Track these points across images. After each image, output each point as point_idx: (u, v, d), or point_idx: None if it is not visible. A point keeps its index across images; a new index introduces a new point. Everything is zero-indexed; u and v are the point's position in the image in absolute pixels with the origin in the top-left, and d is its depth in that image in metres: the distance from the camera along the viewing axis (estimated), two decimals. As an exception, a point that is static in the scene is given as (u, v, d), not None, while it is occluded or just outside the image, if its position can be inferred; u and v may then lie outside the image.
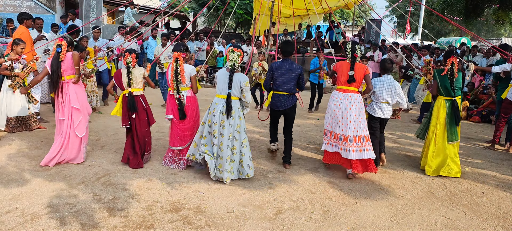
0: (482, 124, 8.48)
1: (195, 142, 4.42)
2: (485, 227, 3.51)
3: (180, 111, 4.51)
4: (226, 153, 4.18)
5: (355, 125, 4.44)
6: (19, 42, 5.71)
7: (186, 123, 4.60)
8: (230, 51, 4.32)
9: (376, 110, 4.76)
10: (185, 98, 4.56)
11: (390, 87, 4.68)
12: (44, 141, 5.44)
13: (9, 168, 4.37)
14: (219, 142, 4.21)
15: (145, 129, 4.65)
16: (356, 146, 4.41)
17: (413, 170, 4.97)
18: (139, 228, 3.19)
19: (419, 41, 21.43)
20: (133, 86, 4.52)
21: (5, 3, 11.40)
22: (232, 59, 4.26)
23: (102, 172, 4.36)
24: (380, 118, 4.76)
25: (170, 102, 4.61)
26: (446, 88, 4.76)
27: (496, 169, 5.23)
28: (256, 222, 3.38)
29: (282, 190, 4.10)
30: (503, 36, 29.04)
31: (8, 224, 3.13)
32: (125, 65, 4.50)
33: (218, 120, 4.20)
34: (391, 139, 6.64)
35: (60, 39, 4.57)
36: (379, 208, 3.79)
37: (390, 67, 4.82)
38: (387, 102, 4.71)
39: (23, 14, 6.89)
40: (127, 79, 4.50)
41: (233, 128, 4.22)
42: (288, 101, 4.74)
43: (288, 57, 4.77)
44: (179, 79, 4.44)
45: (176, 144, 4.60)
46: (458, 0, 13.83)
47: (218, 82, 4.33)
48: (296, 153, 5.52)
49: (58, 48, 4.49)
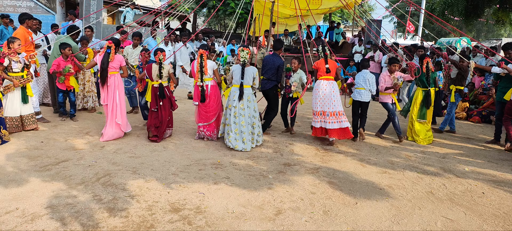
0: (482, 124, 8.48)
1: (223, 123, 5.72)
2: (485, 228, 3.51)
3: (202, 96, 5.67)
4: (247, 129, 5.48)
5: (336, 103, 5.86)
6: (14, 40, 5.62)
7: (209, 106, 5.80)
8: (241, 51, 5.54)
9: (356, 96, 6.26)
10: (210, 87, 5.74)
11: (366, 78, 6.21)
12: (44, 141, 5.44)
13: (9, 168, 4.37)
14: (240, 120, 5.46)
15: (168, 112, 5.81)
16: (335, 119, 5.83)
17: (413, 170, 4.97)
18: (139, 228, 3.19)
19: (419, 41, 21.40)
20: (163, 79, 5.67)
21: (5, 3, 11.41)
22: (243, 56, 5.52)
23: (102, 172, 4.36)
24: (359, 101, 6.24)
25: (196, 91, 5.80)
26: (422, 81, 6.34)
27: (496, 169, 5.23)
28: (256, 223, 3.38)
29: (282, 190, 4.10)
30: (503, 36, 29.01)
31: (8, 224, 3.13)
32: (157, 62, 5.62)
33: (238, 104, 5.47)
34: (391, 138, 6.64)
35: (110, 42, 5.63)
36: (379, 208, 3.79)
37: (367, 64, 6.41)
38: (363, 88, 6.19)
39: (24, 15, 6.86)
40: (159, 73, 5.61)
41: (251, 109, 5.58)
42: (267, 85, 6.22)
43: (276, 51, 6.28)
44: (203, 71, 5.59)
45: (201, 121, 5.88)
46: (459, 1, 13.82)
47: (235, 75, 5.60)
48: (297, 153, 5.52)
49: (108, 50, 5.58)
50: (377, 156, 5.58)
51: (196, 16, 22.08)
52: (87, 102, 7.42)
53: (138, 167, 4.61)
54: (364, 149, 5.90)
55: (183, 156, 5.12)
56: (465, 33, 9.33)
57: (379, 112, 8.76)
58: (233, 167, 4.78)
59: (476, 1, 13.57)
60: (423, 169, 5.04)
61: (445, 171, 5.01)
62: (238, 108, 5.46)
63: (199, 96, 5.72)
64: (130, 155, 5.07)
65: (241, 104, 5.47)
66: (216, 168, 4.70)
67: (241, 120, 5.46)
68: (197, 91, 5.75)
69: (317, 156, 5.45)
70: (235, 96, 5.49)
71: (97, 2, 11.03)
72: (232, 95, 5.57)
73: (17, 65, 5.62)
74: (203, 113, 5.81)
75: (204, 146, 5.63)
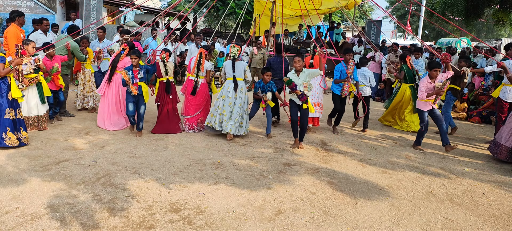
0: (482, 124, 8.48)
1: (212, 112, 6.16)
2: (485, 228, 3.51)
3: (194, 89, 6.26)
4: (235, 116, 5.99)
5: (319, 95, 6.79)
6: (28, 42, 5.61)
7: (196, 100, 6.37)
8: (232, 47, 6.14)
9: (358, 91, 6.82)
10: (199, 83, 6.32)
11: (366, 76, 7.01)
12: (44, 141, 5.44)
13: (9, 168, 4.37)
14: (232, 108, 6.02)
15: (175, 104, 6.39)
16: (318, 109, 6.76)
17: (413, 171, 4.97)
18: (139, 228, 3.19)
19: (419, 41, 21.39)
20: (169, 75, 6.24)
21: (5, 3, 11.40)
22: (233, 52, 6.14)
23: (102, 172, 4.36)
24: (364, 96, 6.95)
25: (188, 84, 6.37)
26: (410, 77, 7.25)
27: (496, 169, 5.23)
28: (256, 223, 3.38)
29: (282, 191, 4.10)
30: (503, 37, 28.99)
31: (8, 224, 3.13)
32: (161, 59, 6.23)
33: (232, 95, 6.02)
34: (391, 138, 6.65)
35: (125, 44, 6.41)
36: (379, 209, 3.79)
37: (365, 62, 7.44)
38: (364, 84, 6.97)
39: (14, 12, 6.75)
40: (165, 70, 6.20)
41: (242, 100, 6.06)
42: (278, 84, 6.83)
43: (279, 54, 7.05)
44: (199, 68, 6.22)
45: (186, 113, 6.45)
46: (459, 1, 13.80)
47: (227, 70, 6.15)
48: (297, 153, 5.52)
49: (122, 51, 6.34)
50: (377, 156, 5.58)
51: (196, 16, 22.07)
52: (88, 102, 7.41)
53: (138, 167, 4.61)
54: (364, 149, 5.90)
55: (183, 156, 5.12)
56: (467, 32, 9.31)
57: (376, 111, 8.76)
58: (233, 167, 4.78)
59: (476, 1, 13.55)
60: (423, 169, 5.04)
61: (445, 171, 5.01)
62: (232, 98, 6.02)
63: (191, 89, 6.29)
64: (130, 155, 5.07)
65: (235, 95, 6.02)
66: (216, 168, 4.71)
67: (234, 108, 6.03)
68: (190, 84, 6.31)
69: (317, 156, 5.45)
70: (230, 87, 6.05)
71: (98, 2, 11.02)
72: (226, 87, 6.11)
73: (28, 66, 5.66)
74: (190, 106, 6.40)
75: (204, 146, 5.63)
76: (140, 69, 5.82)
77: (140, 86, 5.81)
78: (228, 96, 6.02)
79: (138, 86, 5.79)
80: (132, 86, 5.71)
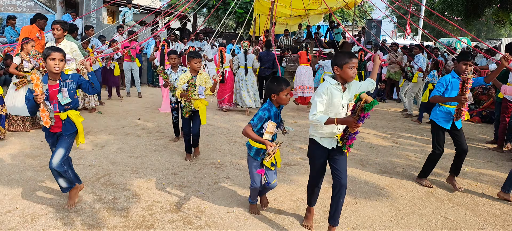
0: (482, 124, 8.49)
1: (235, 92, 8.38)
2: (485, 228, 3.51)
3: (222, 78, 8.17)
4: (251, 93, 8.21)
5: (310, 81, 8.66)
6: (29, 41, 5.84)
7: (226, 86, 8.41)
8: (243, 43, 8.23)
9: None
10: (227, 72, 8.35)
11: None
12: (44, 141, 5.43)
13: (9, 167, 4.37)
14: (248, 88, 8.20)
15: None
16: (309, 91, 8.53)
17: (413, 170, 4.97)
18: (139, 228, 3.19)
19: (419, 41, 21.38)
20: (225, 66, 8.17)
21: (5, 3, 11.41)
22: (245, 46, 8.17)
23: (102, 172, 4.36)
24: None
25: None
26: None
27: (496, 169, 5.23)
28: (256, 222, 3.38)
29: (282, 190, 4.10)
30: (503, 36, 28.99)
31: (8, 224, 3.13)
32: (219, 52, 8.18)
33: (243, 78, 8.19)
34: (391, 139, 6.64)
35: (164, 41, 8.15)
36: (379, 208, 3.79)
37: (365, 61, 9.25)
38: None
39: (36, 15, 6.96)
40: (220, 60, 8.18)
41: (251, 81, 8.23)
42: (266, 72, 8.89)
43: (268, 49, 9.02)
44: (223, 61, 8.20)
45: (219, 97, 8.55)
46: (459, 0, 13.81)
47: (240, 60, 8.19)
48: (297, 153, 5.52)
49: (163, 46, 8.12)
50: (377, 156, 5.58)
51: (196, 16, 22.05)
52: (89, 102, 7.41)
53: (138, 166, 4.61)
54: (364, 149, 5.90)
55: (183, 155, 5.12)
56: (467, 31, 9.31)
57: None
58: (233, 167, 4.78)
59: (476, 0, 13.56)
60: (423, 169, 5.04)
61: (445, 171, 5.01)
62: (244, 80, 8.21)
63: (220, 78, 7.76)
64: (130, 154, 5.07)
65: (246, 78, 8.19)
66: (216, 168, 4.70)
67: (247, 88, 8.21)
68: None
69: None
70: (242, 73, 8.22)
71: (98, 2, 11.02)
72: (239, 73, 8.27)
73: (28, 64, 5.80)
74: (220, 90, 8.45)
75: (204, 146, 5.62)
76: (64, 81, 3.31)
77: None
78: (241, 80, 8.20)
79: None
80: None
